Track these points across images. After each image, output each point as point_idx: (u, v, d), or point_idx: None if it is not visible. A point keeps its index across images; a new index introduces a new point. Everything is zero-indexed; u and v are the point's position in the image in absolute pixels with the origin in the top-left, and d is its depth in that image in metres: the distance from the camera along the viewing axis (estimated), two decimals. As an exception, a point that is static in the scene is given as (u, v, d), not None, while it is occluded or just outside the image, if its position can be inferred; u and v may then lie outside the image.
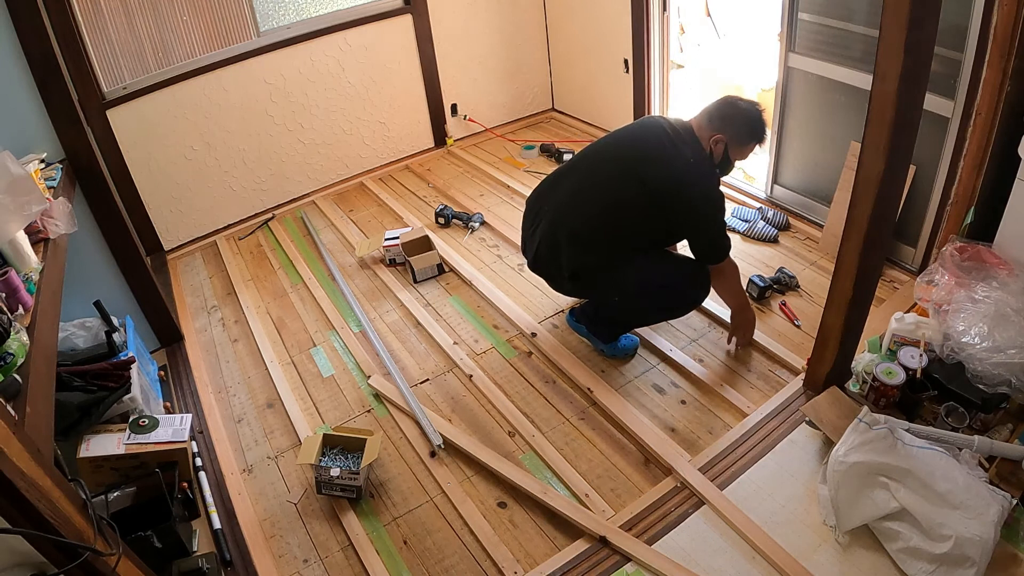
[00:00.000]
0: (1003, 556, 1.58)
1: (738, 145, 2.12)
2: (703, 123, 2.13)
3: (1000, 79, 1.98)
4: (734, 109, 2.11)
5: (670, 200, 2.06)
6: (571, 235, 2.18)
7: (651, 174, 2.06)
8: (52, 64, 2.13)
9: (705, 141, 2.11)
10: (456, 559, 1.82)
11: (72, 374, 1.98)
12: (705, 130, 2.12)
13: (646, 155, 2.10)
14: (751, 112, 2.10)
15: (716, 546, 1.75)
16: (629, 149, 2.17)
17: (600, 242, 2.15)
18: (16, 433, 1.14)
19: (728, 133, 2.09)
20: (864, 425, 1.68)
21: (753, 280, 2.56)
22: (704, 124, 2.13)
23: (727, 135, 2.10)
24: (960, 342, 1.85)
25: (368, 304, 2.84)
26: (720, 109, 2.12)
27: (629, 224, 2.13)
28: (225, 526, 1.96)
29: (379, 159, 3.93)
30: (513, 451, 2.10)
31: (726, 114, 2.10)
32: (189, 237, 3.47)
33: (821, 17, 2.54)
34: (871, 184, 1.64)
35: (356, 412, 2.32)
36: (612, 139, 2.26)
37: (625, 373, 2.33)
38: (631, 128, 2.28)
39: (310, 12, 3.42)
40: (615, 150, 2.21)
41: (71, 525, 1.20)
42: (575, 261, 2.19)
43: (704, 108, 2.16)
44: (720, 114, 2.11)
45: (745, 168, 3.41)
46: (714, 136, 2.10)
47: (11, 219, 1.63)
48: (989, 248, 2.07)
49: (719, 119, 2.11)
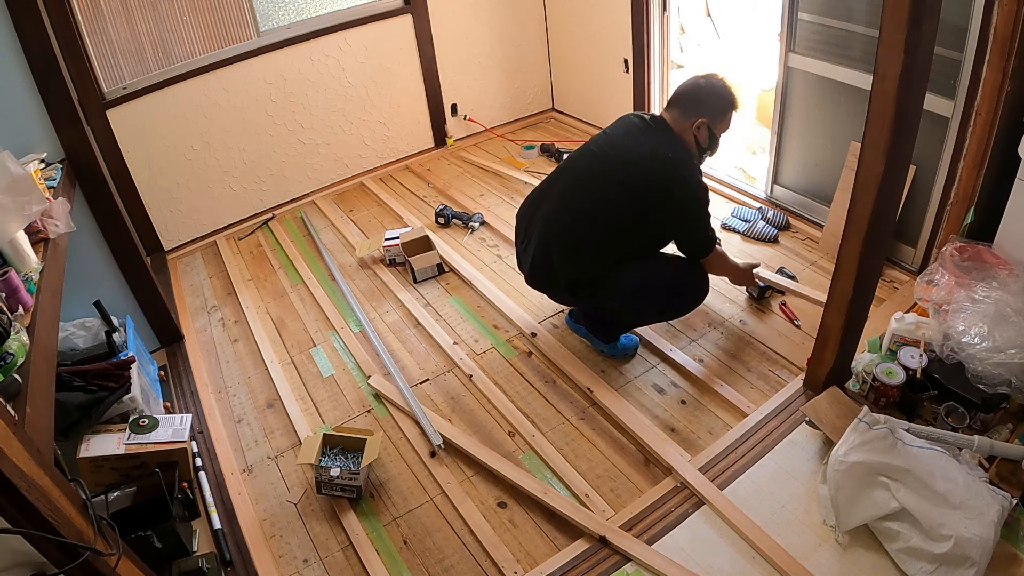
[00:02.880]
0: (1003, 556, 1.58)
1: (719, 119, 2.12)
2: (677, 116, 2.11)
3: (1000, 79, 1.98)
4: (700, 90, 2.11)
5: (654, 199, 2.06)
6: (563, 246, 2.18)
7: (633, 176, 2.06)
8: (52, 64, 2.13)
9: (688, 132, 2.10)
10: (456, 559, 1.82)
11: (72, 374, 1.98)
12: (683, 121, 2.10)
13: (625, 158, 2.09)
14: (715, 84, 2.10)
15: (716, 546, 1.75)
16: (609, 153, 2.15)
17: (593, 250, 2.15)
18: (16, 433, 1.14)
19: (706, 114, 2.09)
20: (864, 425, 1.68)
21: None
22: (679, 117, 2.11)
23: (706, 116, 2.09)
24: (960, 342, 1.85)
25: (368, 304, 2.84)
26: (687, 95, 2.11)
27: (619, 229, 2.12)
28: (225, 526, 1.96)
29: (379, 159, 3.93)
30: (513, 451, 2.10)
31: (696, 97, 2.10)
32: (189, 237, 3.47)
33: (821, 17, 2.54)
34: (871, 184, 1.64)
35: (356, 412, 2.32)
36: (592, 145, 2.23)
37: (625, 373, 2.33)
38: (608, 132, 2.24)
39: (310, 12, 3.42)
40: (595, 157, 2.18)
41: (71, 525, 1.20)
42: (571, 272, 2.19)
43: (669, 103, 2.15)
44: (690, 99, 2.10)
45: (745, 168, 3.41)
46: (696, 123, 2.09)
47: (11, 219, 1.63)
48: (989, 248, 2.07)
49: (693, 105, 2.10)
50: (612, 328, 2.37)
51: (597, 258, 2.15)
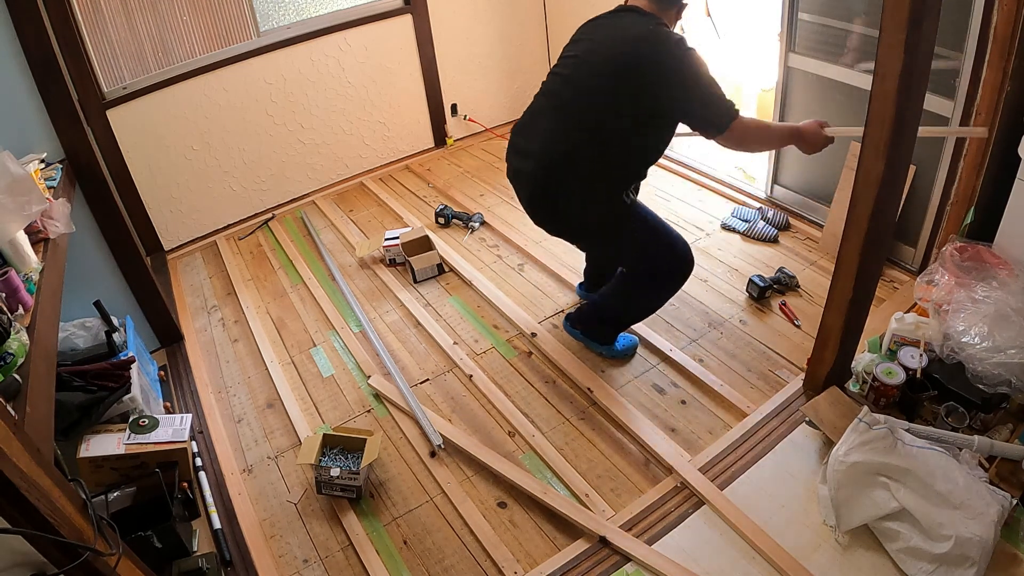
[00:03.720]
0: (1003, 556, 1.58)
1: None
2: (654, 6, 1.93)
3: (1000, 79, 1.98)
4: None
5: (643, 70, 1.84)
6: (565, 158, 1.97)
7: (619, 60, 1.86)
8: (52, 64, 2.13)
9: (671, 18, 1.95)
10: (456, 559, 1.82)
11: (72, 374, 1.98)
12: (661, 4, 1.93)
13: (609, 51, 1.90)
14: None
15: (716, 546, 1.75)
16: (590, 56, 1.96)
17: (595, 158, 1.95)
18: (16, 433, 1.14)
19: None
20: (864, 425, 1.68)
21: (753, 280, 2.56)
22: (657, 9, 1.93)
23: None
24: (960, 342, 1.85)
25: (368, 304, 2.84)
26: None
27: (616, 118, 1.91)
28: (225, 526, 1.96)
29: (379, 159, 3.93)
30: (513, 451, 2.10)
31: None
32: (189, 237, 3.47)
33: (821, 17, 2.54)
34: (871, 184, 1.64)
35: (356, 412, 2.32)
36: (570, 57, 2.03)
37: (625, 373, 2.33)
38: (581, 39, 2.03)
39: (310, 12, 3.42)
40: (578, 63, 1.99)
41: (71, 525, 1.20)
42: (572, 188, 1.99)
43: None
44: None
45: (745, 168, 3.41)
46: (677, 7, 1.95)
47: (11, 219, 1.63)
48: (989, 248, 2.07)
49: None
50: (608, 328, 2.37)
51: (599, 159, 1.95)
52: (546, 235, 2.27)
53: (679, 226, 3.06)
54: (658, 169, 3.51)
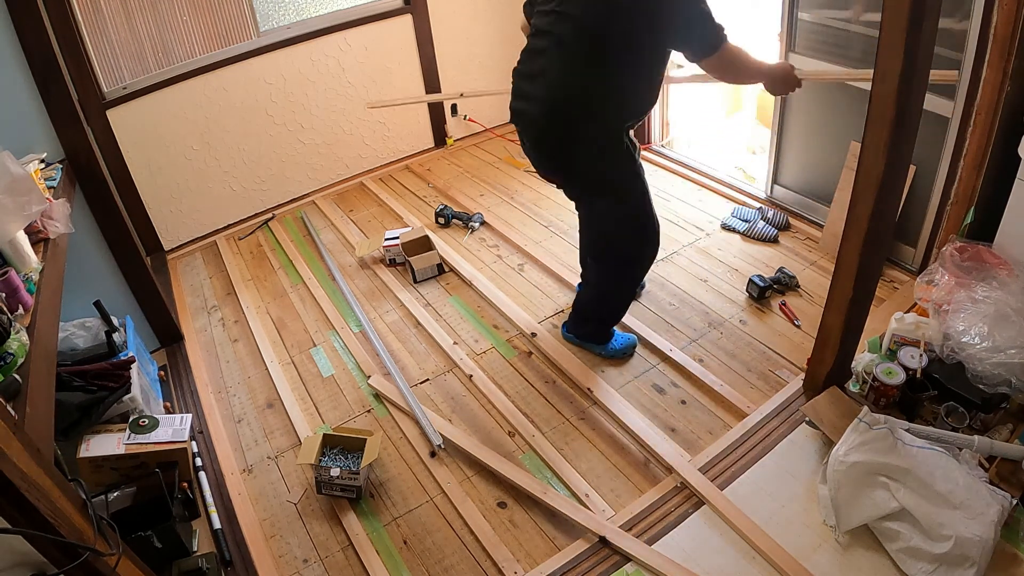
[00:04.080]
0: (1003, 556, 1.58)
1: None
2: None
3: (1000, 79, 1.98)
4: None
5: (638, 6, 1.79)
6: (571, 100, 1.95)
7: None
8: (52, 64, 2.13)
9: None
10: (456, 559, 1.82)
11: (72, 374, 1.98)
12: None
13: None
14: None
15: (716, 546, 1.75)
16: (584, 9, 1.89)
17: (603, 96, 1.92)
18: (16, 433, 1.14)
19: None
20: (864, 425, 1.68)
21: (753, 280, 2.56)
22: None
23: None
24: (960, 342, 1.85)
25: (368, 304, 2.84)
26: None
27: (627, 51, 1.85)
28: (225, 526, 1.96)
29: (379, 159, 3.93)
30: (513, 451, 2.10)
31: None
32: (189, 237, 3.47)
33: (821, 17, 2.54)
34: (871, 184, 1.64)
35: (356, 412, 2.32)
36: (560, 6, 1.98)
37: (625, 373, 2.33)
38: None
39: (310, 12, 3.42)
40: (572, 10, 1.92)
41: (71, 525, 1.20)
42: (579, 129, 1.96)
43: None
44: None
45: (745, 168, 3.41)
46: None
47: (11, 219, 1.63)
48: (989, 248, 2.07)
49: None
50: (599, 326, 2.38)
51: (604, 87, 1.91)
52: (546, 235, 2.27)
53: (679, 226, 3.06)
54: (658, 169, 3.51)
